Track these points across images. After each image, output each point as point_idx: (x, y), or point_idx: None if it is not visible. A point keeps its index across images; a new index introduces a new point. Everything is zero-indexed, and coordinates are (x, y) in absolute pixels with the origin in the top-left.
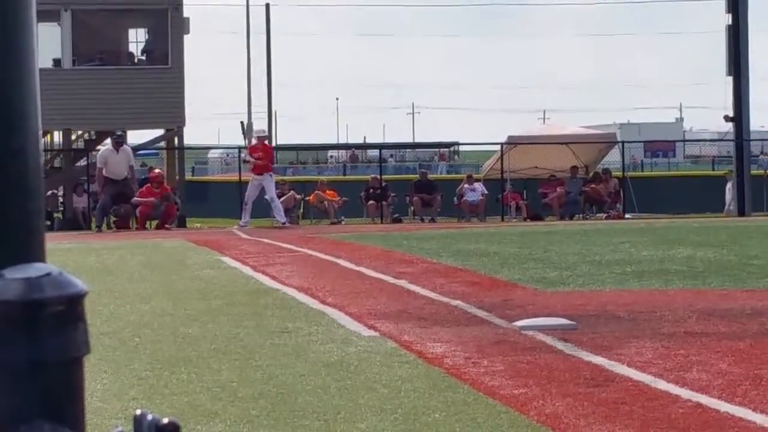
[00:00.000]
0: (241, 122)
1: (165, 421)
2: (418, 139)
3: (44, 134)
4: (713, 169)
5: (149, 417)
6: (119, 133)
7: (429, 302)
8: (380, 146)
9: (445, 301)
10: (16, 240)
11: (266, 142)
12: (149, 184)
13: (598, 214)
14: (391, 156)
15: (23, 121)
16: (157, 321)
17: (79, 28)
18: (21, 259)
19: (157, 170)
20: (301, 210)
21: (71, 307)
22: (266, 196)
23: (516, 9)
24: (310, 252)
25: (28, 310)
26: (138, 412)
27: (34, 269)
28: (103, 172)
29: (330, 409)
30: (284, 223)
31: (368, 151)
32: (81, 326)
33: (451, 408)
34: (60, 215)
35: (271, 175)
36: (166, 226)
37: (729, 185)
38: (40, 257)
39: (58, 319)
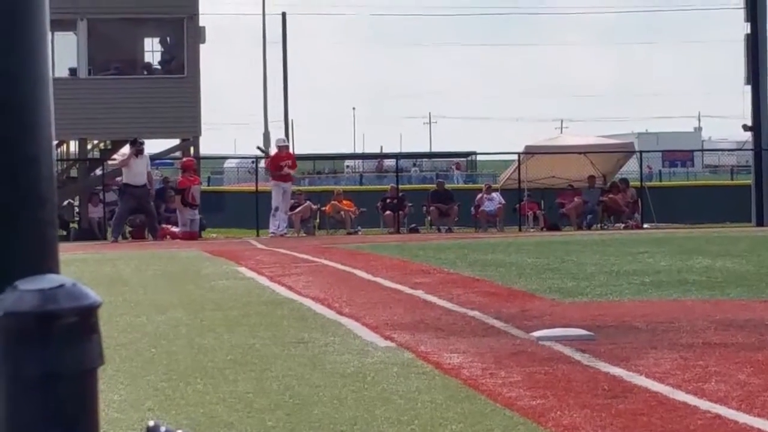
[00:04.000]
0: (258, 147)
1: None
2: (435, 149)
3: (60, 144)
4: (732, 179)
5: (163, 428)
6: (141, 140)
7: (446, 313)
8: (397, 156)
9: (462, 311)
10: (30, 250)
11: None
12: (184, 173)
13: (616, 224)
14: (415, 165)
15: (36, 130)
16: (173, 332)
17: (95, 38)
18: (34, 270)
19: (187, 157)
20: (318, 220)
21: (85, 318)
22: (278, 204)
23: (533, 18)
24: (326, 262)
25: (42, 321)
26: (151, 423)
27: (48, 281)
28: (123, 177)
29: (346, 421)
30: (273, 234)
31: (385, 160)
32: (95, 338)
33: (468, 419)
34: (76, 225)
35: (290, 185)
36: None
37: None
38: (54, 268)
39: (71, 331)
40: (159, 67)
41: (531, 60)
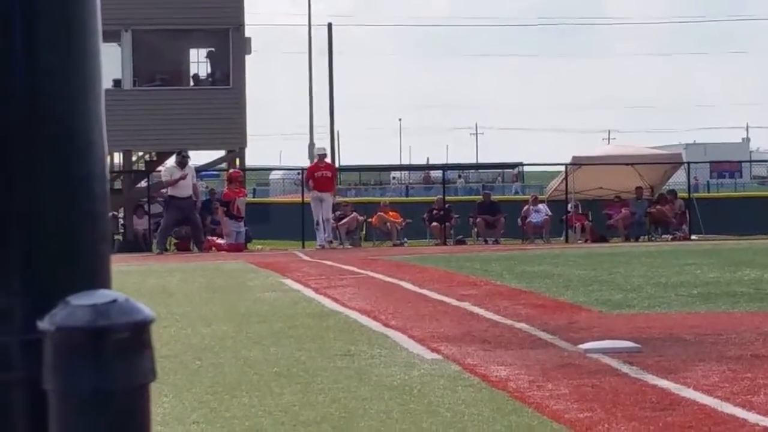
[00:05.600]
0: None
1: None
2: (482, 160)
3: None
4: None
5: None
6: (184, 154)
7: (492, 325)
8: (443, 167)
9: (508, 323)
10: (83, 266)
11: (327, 160)
12: (230, 185)
13: (663, 236)
14: (460, 176)
15: (89, 148)
16: (218, 344)
17: (139, 49)
18: (87, 285)
19: (233, 169)
20: (364, 232)
21: (138, 334)
22: (320, 216)
23: (581, 28)
24: (372, 274)
25: (95, 337)
26: None
27: (101, 296)
28: (168, 190)
29: None
30: (322, 246)
31: (432, 171)
32: (147, 353)
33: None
34: (120, 237)
35: (333, 196)
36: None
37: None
38: (106, 283)
39: (124, 346)
40: (205, 78)
41: (578, 70)
